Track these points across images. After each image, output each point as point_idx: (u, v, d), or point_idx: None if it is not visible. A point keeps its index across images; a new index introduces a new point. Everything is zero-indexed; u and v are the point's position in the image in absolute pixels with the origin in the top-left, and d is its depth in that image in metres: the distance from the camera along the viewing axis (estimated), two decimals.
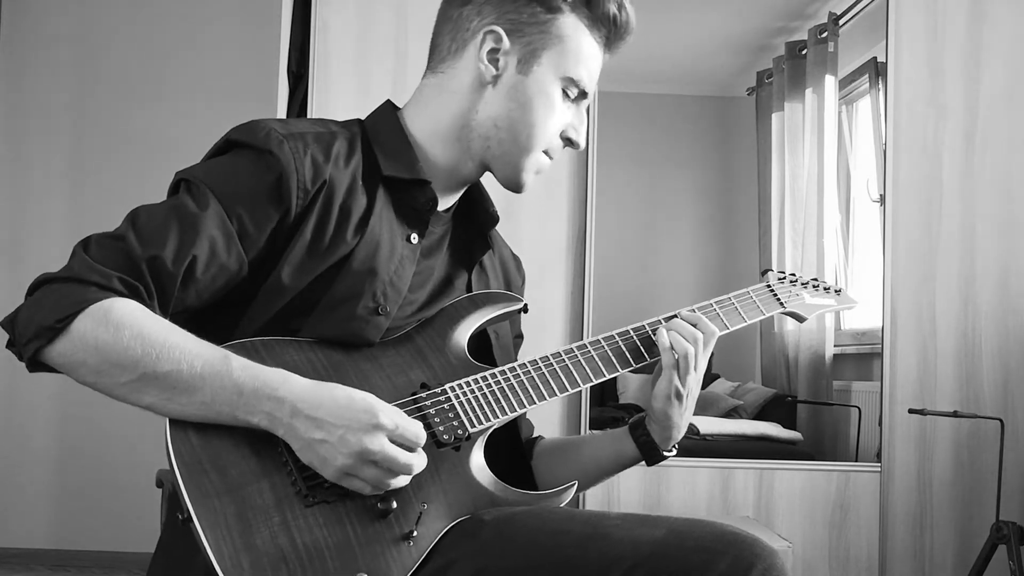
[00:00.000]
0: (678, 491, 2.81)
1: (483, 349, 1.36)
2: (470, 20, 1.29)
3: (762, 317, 1.46)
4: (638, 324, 1.36)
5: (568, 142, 1.34)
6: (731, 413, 3.01)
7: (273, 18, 3.12)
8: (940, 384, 2.85)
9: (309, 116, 2.81)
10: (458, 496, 1.17)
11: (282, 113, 2.95)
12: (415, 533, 1.12)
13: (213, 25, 4.00)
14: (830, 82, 3.08)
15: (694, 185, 3.27)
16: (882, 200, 2.89)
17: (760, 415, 3.02)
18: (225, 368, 1.10)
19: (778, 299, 1.48)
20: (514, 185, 1.34)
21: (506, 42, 1.28)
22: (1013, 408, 2.83)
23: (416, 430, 1.12)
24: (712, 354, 1.36)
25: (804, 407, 3.05)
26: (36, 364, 1.12)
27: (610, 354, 1.32)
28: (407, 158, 1.29)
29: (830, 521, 2.82)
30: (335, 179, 1.23)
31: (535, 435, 1.49)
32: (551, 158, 1.34)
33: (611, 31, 1.31)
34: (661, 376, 1.33)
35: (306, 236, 1.20)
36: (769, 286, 1.49)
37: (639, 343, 1.34)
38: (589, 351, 1.31)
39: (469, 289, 1.36)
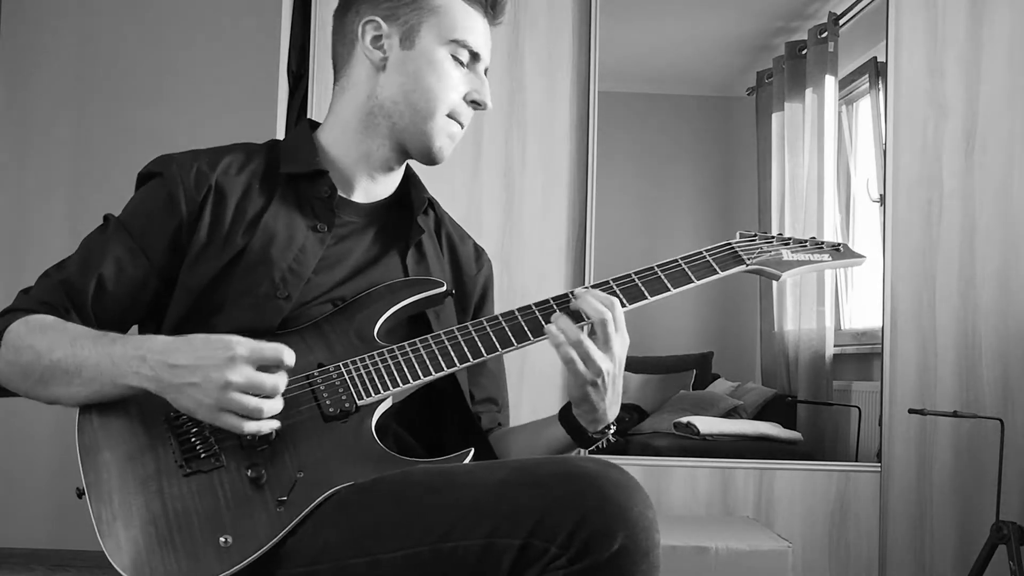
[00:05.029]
0: (678, 491, 2.81)
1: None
2: (352, 23, 1.41)
3: (717, 276, 1.37)
4: (542, 299, 1.32)
5: (475, 104, 1.40)
6: (731, 413, 3.01)
7: (273, 18, 3.12)
8: (940, 384, 2.86)
9: (309, 116, 2.81)
10: (340, 466, 1.19)
11: (282, 113, 2.95)
12: (286, 499, 1.15)
13: (213, 25, 4.00)
14: (830, 82, 3.08)
15: (694, 185, 3.27)
16: (882, 200, 2.89)
17: (760, 415, 3.02)
18: (101, 342, 1.22)
19: (739, 257, 1.39)
20: (427, 154, 1.40)
21: (384, 27, 1.38)
22: (1013, 408, 2.83)
23: (275, 352, 1.17)
24: (712, 353, 1.35)
25: (804, 407, 3.05)
26: None
27: (507, 330, 1.30)
28: (306, 156, 1.40)
29: (830, 521, 2.82)
30: (223, 185, 1.35)
31: (498, 425, 1.49)
32: (461, 124, 1.40)
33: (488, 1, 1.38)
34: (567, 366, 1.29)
35: (201, 238, 1.33)
36: (729, 243, 1.41)
37: (541, 319, 1.30)
38: (484, 327, 1.30)
39: (405, 273, 1.40)
